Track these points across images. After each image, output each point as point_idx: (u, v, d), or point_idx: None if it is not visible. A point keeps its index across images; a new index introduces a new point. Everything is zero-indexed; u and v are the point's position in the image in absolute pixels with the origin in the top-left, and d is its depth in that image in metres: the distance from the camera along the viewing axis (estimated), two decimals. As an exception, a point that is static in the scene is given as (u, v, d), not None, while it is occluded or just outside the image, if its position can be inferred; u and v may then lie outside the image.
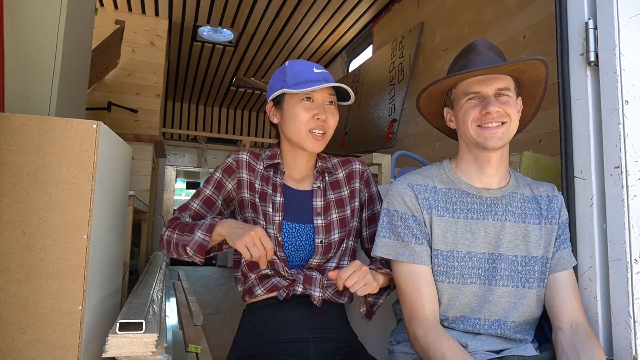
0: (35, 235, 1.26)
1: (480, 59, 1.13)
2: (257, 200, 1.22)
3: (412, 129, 3.59)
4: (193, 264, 6.75)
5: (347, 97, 1.24)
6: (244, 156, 1.25)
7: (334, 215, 1.25)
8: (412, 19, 3.76)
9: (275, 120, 1.26)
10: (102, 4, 4.26)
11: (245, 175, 1.24)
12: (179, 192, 9.21)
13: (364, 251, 1.35)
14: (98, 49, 3.35)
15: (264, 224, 1.19)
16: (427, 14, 3.55)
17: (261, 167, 1.26)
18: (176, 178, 6.32)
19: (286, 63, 1.24)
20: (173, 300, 3.50)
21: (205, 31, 4.86)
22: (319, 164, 1.29)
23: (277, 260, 1.18)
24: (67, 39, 1.63)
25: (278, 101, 1.23)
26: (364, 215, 1.32)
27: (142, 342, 1.21)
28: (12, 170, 1.26)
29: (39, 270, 1.25)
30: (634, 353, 1.06)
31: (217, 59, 5.70)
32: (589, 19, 1.19)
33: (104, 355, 1.18)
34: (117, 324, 1.22)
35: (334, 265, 1.23)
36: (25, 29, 1.55)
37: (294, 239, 1.20)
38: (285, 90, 1.18)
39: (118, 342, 1.19)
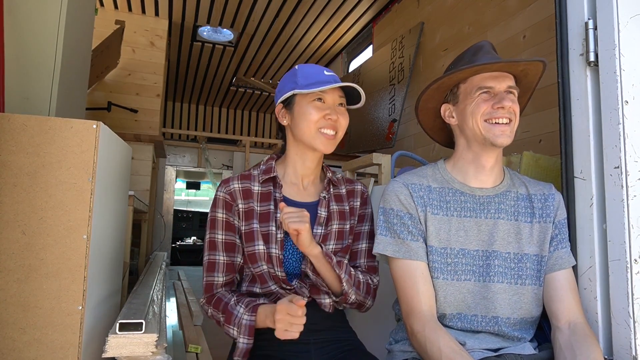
0: (35, 236, 1.26)
1: (490, 56, 1.16)
2: (255, 226, 1.18)
3: (412, 129, 3.59)
4: (193, 263, 6.77)
5: (356, 101, 1.25)
6: (236, 186, 1.21)
7: (335, 227, 1.23)
8: (412, 19, 3.76)
9: (285, 122, 1.25)
10: (102, 4, 4.26)
11: (242, 206, 1.20)
12: (179, 192, 9.20)
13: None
14: (98, 49, 3.35)
15: (265, 247, 1.16)
16: (427, 14, 3.55)
17: (257, 187, 1.23)
18: (176, 178, 6.31)
19: (296, 66, 1.25)
20: (173, 300, 3.50)
21: (205, 31, 4.86)
22: (329, 174, 1.29)
23: (279, 277, 1.16)
24: (67, 39, 1.63)
25: (288, 103, 1.23)
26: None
27: (142, 342, 1.21)
28: (12, 170, 1.26)
29: (39, 270, 1.25)
30: (633, 353, 1.06)
31: (217, 59, 5.71)
32: (589, 19, 1.19)
33: (104, 355, 1.19)
34: (117, 324, 1.22)
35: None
36: (25, 29, 1.55)
37: (299, 254, 1.19)
38: (296, 91, 1.19)
39: (118, 342, 1.19)
